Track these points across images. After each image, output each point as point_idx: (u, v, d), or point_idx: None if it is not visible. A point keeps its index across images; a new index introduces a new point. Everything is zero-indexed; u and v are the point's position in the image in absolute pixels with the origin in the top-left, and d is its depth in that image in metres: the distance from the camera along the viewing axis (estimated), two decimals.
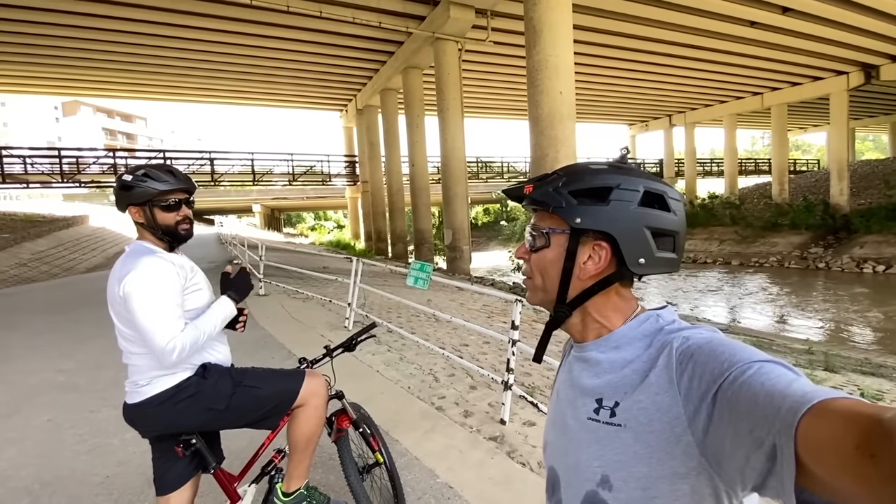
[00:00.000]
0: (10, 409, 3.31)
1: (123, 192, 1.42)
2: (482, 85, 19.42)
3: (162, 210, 1.43)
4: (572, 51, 8.65)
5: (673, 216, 0.63)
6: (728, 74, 19.66)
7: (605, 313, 0.65)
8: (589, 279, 0.63)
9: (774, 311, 12.10)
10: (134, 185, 1.41)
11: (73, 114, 54.12)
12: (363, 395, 3.22)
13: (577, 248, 0.63)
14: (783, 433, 0.39)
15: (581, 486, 0.61)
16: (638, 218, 0.61)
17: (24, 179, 18.36)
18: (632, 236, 0.61)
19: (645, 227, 0.61)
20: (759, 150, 69.11)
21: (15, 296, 8.82)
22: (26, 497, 2.27)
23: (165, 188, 1.42)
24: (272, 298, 7.23)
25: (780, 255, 18.86)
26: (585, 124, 31.40)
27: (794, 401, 0.40)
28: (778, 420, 0.40)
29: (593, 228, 0.61)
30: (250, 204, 33.62)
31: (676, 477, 0.53)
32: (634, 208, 0.61)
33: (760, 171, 36.27)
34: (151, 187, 1.41)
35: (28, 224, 18.46)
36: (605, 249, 0.62)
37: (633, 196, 0.61)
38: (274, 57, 15.46)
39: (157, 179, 1.42)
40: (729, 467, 0.48)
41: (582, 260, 0.63)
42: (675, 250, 0.64)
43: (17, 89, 19.45)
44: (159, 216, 1.43)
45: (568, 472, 0.64)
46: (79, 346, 4.80)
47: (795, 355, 5.95)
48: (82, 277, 12.39)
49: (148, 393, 1.38)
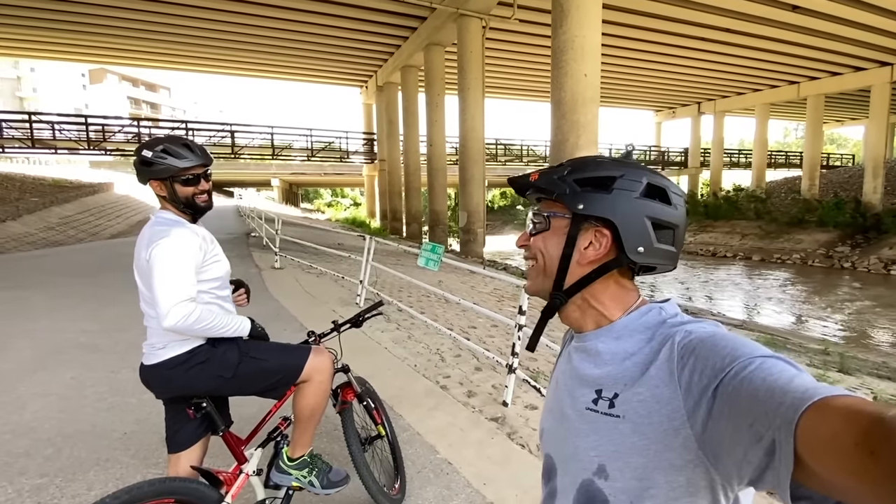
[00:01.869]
0: (36, 366, 3.49)
1: (144, 167, 1.46)
2: (505, 65, 19.00)
3: (182, 184, 1.48)
4: (600, 31, 8.36)
5: (674, 210, 0.63)
6: (764, 62, 18.79)
7: (603, 302, 0.65)
8: (588, 265, 0.64)
9: (793, 309, 11.83)
10: (154, 161, 1.45)
11: (100, 82, 54.93)
12: (370, 370, 3.29)
13: (578, 235, 0.63)
14: (783, 429, 0.39)
15: (577, 474, 0.62)
16: (639, 208, 0.62)
17: (53, 145, 18.84)
18: (632, 224, 0.61)
19: (646, 216, 0.62)
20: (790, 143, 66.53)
21: (44, 258, 9.17)
22: (50, 448, 2.41)
23: (184, 165, 1.46)
24: (287, 272, 7.37)
25: (805, 252, 18.32)
26: (609, 109, 30.57)
27: (796, 397, 0.40)
28: (778, 416, 0.40)
29: (595, 215, 0.62)
30: (269, 178, 33.91)
31: (673, 469, 0.53)
32: (637, 198, 0.62)
33: (791, 165, 34.93)
34: (171, 164, 1.45)
35: (56, 189, 19.03)
36: (606, 237, 0.62)
37: (636, 186, 0.62)
38: (296, 30, 15.35)
39: (175, 156, 1.46)
40: (726, 461, 0.48)
41: (582, 245, 0.64)
42: (675, 244, 0.64)
43: (45, 55, 19.80)
44: (179, 190, 1.48)
45: (564, 461, 0.65)
46: (102, 309, 4.99)
47: (810, 355, 5.84)
48: (107, 243, 12.79)
49: (163, 356, 1.45)
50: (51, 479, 2.15)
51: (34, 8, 13.39)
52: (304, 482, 1.65)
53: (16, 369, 3.43)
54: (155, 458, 2.30)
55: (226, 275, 1.57)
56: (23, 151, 20.00)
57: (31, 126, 18.21)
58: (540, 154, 26.78)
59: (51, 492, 2.07)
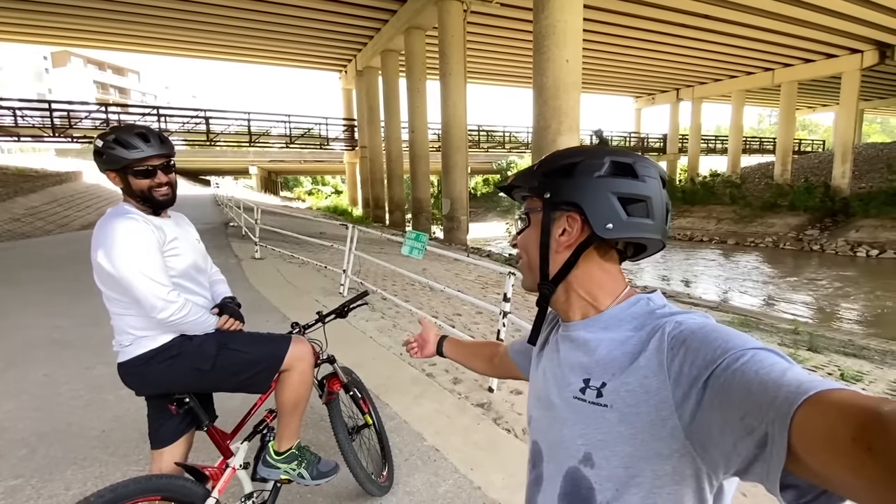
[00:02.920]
0: (6, 364, 3.37)
1: (97, 157, 1.39)
2: (487, 50, 18.80)
3: (135, 176, 1.39)
4: (581, 16, 8.33)
5: (641, 182, 0.63)
6: (740, 48, 19.08)
7: (588, 289, 0.65)
8: (565, 250, 0.65)
9: (765, 291, 12.25)
10: (103, 151, 1.36)
11: (63, 65, 52.25)
12: (356, 359, 3.28)
13: (552, 223, 0.66)
14: (777, 422, 0.39)
15: (563, 462, 0.62)
16: (602, 185, 0.63)
17: (15, 132, 17.94)
18: (598, 202, 0.62)
19: (610, 192, 0.62)
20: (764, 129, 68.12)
21: (10, 250, 8.79)
22: (23, 448, 2.34)
23: (137, 156, 1.37)
24: (267, 262, 7.24)
25: (776, 235, 18.91)
26: (590, 95, 30.69)
27: (790, 391, 0.40)
28: (772, 409, 0.40)
29: (561, 200, 0.64)
30: (247, 165, 33.06)
31: (659, 458, 0.53)
32: (598, 176, 0.63)
33: (765, 151, 35.85)
34: (122, 155, 1.36)
35: (20, 178, 18.15)
36: (577, 221, 0.64)
37: (598, 166, 0.63)
38: (272, 12, 14.82)
39: (126, 147, 1.37)
40: (714, 452, 0.48)
41: (557, 233, 0.66)
42: (650, 216, 0.63)
43: (3, 38, 18.67)
44: (133, 182, 1.39)
45: (551, 448, 0.65)
46: (74, 303, 4.83)
47: (781, 335, 6.07)
48: (77, 234, 12.31)
49: (132, 353, 1.40)
50: (26, 480, 2.09)
51: None
52: (294, 475, 1.64)
53: None
54: (135, 456, 2.25)
55: (188, 268, 1.48)
56: None
57: None
58: (522, 140, 26.79)
59: (27, 493, 2.01)
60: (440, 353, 1.11)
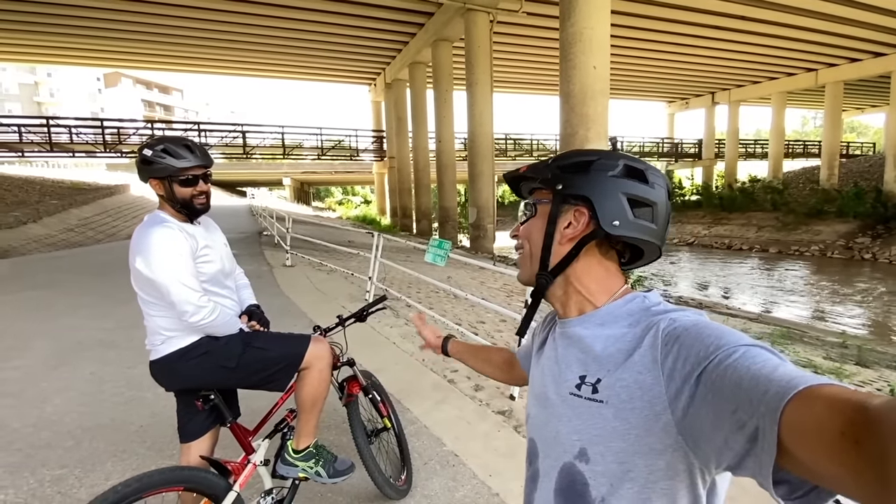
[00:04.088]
0: (57, 362, 3.61)
1: (144, 165, 1.49)
2: (513, 59, 18.86)
3: (180, 185, 1.50)
4: (609, 23, 8.25)
5: (651, 188, 0.65)
6: (781, 49, 18.33)
7: (586, 284, 0.66)
8: (568, 242, 0.67)
9: (810, 302, 11.58)
10: (153, 160, 1.47)
11: (115, 85, 56.00)
12: (379, 364, 3.33)
13: (560, 214, 0.67)
14: (767, 417, 0.40)
15: (559, 457, 0.63)
16: (615, 185, 0.65)
17: (71, 149, 19.30)
18: (608, 199, 0.64)
19: (622, 192, 0.64)
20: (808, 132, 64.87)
21: (64, 258, 9.42)
22: (70, 440, 2.50)
23: (183, 165, 1.48)
24: (298, 269, 7.46)
25: (823, 243, 17.88)
26: (619, 101, 30.13)
27: (781, 386, 0.40)
28: (763, 404, 0.41)
29: (573, 193, 0.66)
30: (281, 177, 34.25)
31: (653, 453, 0.54)
32: (612, 176, 0.65)
33: (809, 154, 34.05)
34: (170, 164, 1.47)
35: (75, 191, 19.48)
36: (584, 216, 0.65)
37: (613, 167, 0.65)
38: (305, 29, 15.43)
39: (175, 156, 1.48)
40: (706, 447, 0.49)
41: (563, 225, 0.67)
42: (654, 221, 0.66)
43: (61, 61, 20.22)
44: (178, 190, 1.50)
45: (546, 444, 0.66)
46: (118, 307, 5.12)
47: (827, 348, 5.72)
48: (123, 243, 13.06)
49: (163, 351, 1.49)
50: (70, 470, 2.23)
51: (50, 14, 13.70)
52: (311, 472, 1.68)
53: (38, 365, 3.54)
54: (170, 450, 2.36)
55: (217, 274, 1.57)
56: (42, 155, 20.49)
57: (49, 130, 18.67)
58: (550, 148, 26.57)
59: (70, 482, 2.14)
60: (445, 353, 1.12)
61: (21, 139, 18.33)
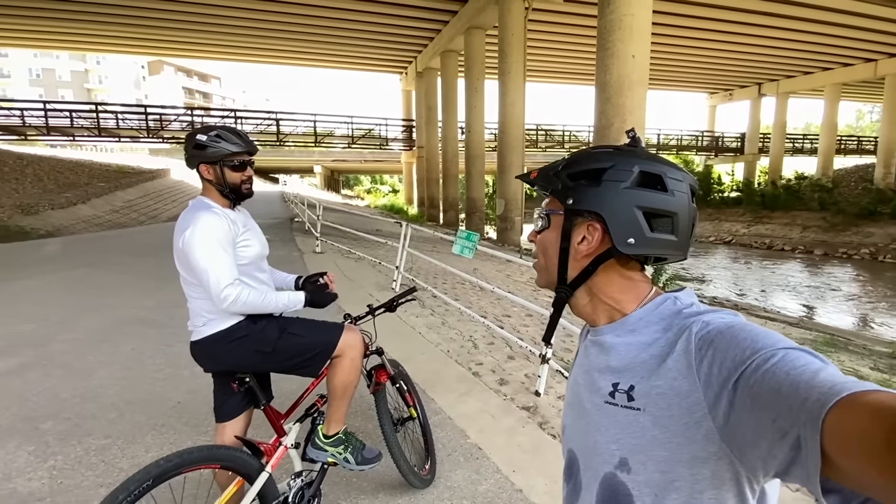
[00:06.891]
0: (102, 337, 3.82)
1: (197, 150, 1.54)
2: (547, 47, 18.42)
3: (231, 169, 1.56)
4: (651, 9, 7.91)
5: (670, 197, 0.61)
6: (837, 37, 17.17)
7: (611, 294, 0.64)
8: (583, 258, 0.64)
9: (858, 308, 10.94)
10: (208, 144, 1.53)
11: (158, 73, 58.16)
12: (404, 354, 3.36)
13: (572, 230, 0.64)
14: (808, 425, 0.38)
15: (599, 468, 0.61)
16: (629, 198, 0.61)
17: (117, 133, 20.23)
18: (622, 216, 0.60)
19: (636, 206, 0.60)
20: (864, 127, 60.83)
21: (110, 238, 9.94)
22: (113, 412, 2.64)
23: (235, 150, 1.54)
24: (327, 256, 7.60)
25: (875, 246, 16.82)
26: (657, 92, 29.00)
27: (822, 392, 0.38)
28: (803, 412, 0.39)
29: (584, 209, 0.62)
30: (312, 165, 34.88)
31: (696, 461, 0.52)
32: (625, 188, 0.61)
33: (864, 151, 31.91)
34: (225, 148, 1.53)
35: (120, 175, 20.46)
36: (598, 230, 0.62)
37: (626, 176, 0.61)
38: (338, 17, 15.54)
39: (228, 141, 1.54)
40: (751, 455, 0.47)
41: (576, 240, 0.64)
42: (675, 232, 0.62)
43: (108, 49, 21.14)
44: (228, 175, 1.56)
45: (586, 455, 0.65)
46: (159, 286, 5.36)
47: (875, 358, 5.40)
48: (164, 226, 13.64)
49: (204, 333, 1.54)
50: (113, 441, 2.36)
51: (100, 3, 14.29)
52: (339, 458, 1.72)
53: (86, 339, 3.76)
54: (205, 427, 2.46)
55: (256, 257, 1.62)
56: (91, 140, 21.57)
57: (98, 116, 19.60)
58: (583, 140, 25.92)
59: (113, 452, 2.27)
60: None
61: (72, 124, 19.32)
